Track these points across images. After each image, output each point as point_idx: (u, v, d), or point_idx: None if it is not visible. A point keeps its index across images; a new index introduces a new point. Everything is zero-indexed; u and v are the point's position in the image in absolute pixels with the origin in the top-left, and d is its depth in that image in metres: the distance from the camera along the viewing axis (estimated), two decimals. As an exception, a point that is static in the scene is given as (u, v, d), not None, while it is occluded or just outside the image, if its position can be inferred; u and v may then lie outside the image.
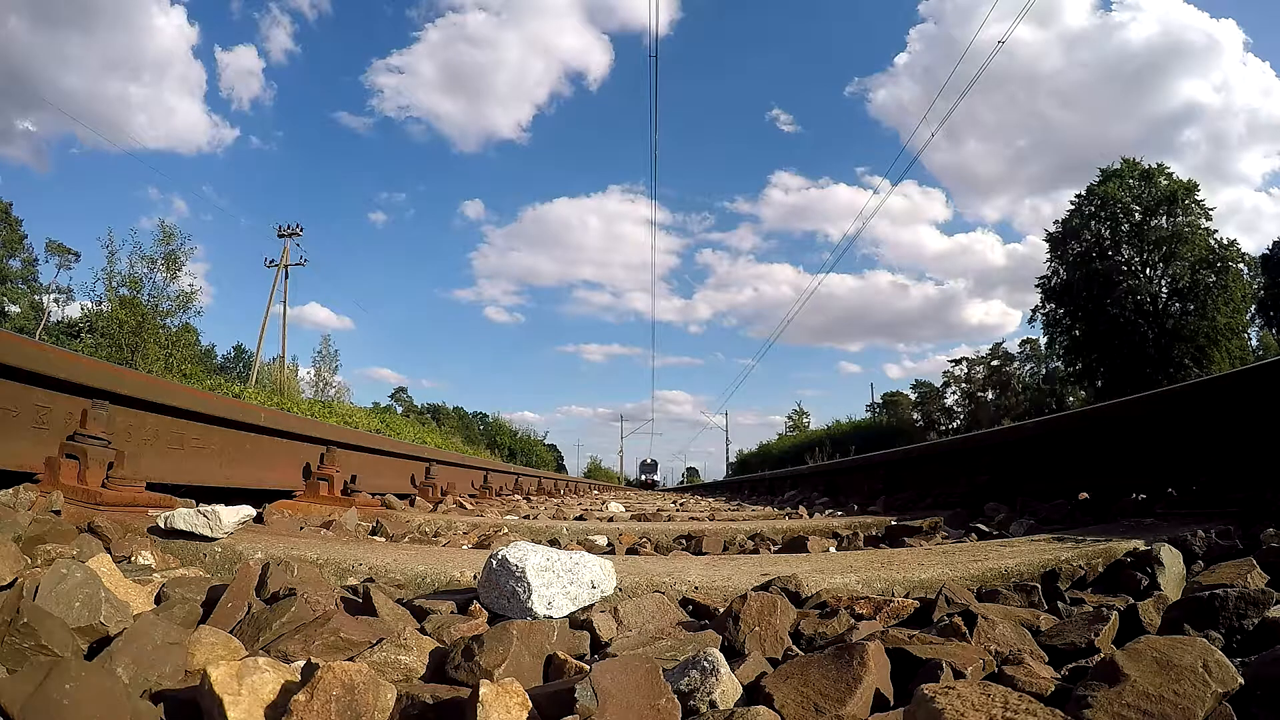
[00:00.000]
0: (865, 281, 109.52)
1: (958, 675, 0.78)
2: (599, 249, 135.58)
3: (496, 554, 1.05)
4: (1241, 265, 30.16)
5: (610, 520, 3.32)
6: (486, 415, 57.62)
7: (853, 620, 1.03)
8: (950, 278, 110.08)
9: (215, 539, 1.45)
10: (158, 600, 1.05)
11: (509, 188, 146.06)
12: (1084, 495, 2.71)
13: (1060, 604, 1.14)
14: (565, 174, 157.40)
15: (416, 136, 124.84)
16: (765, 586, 1.17)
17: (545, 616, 0.98)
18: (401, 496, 3.96)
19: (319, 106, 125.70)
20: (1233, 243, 29.67)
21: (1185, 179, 30.49)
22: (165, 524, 1.44)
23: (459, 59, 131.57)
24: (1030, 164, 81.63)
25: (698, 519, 3.46)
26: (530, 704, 0.70)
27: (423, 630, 0.93)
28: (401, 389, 66.42)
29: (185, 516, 1.46)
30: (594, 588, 1.07)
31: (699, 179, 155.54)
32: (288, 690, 0.67)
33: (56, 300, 42.04)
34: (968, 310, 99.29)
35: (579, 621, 1.01)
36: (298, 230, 28.14)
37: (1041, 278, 33.45)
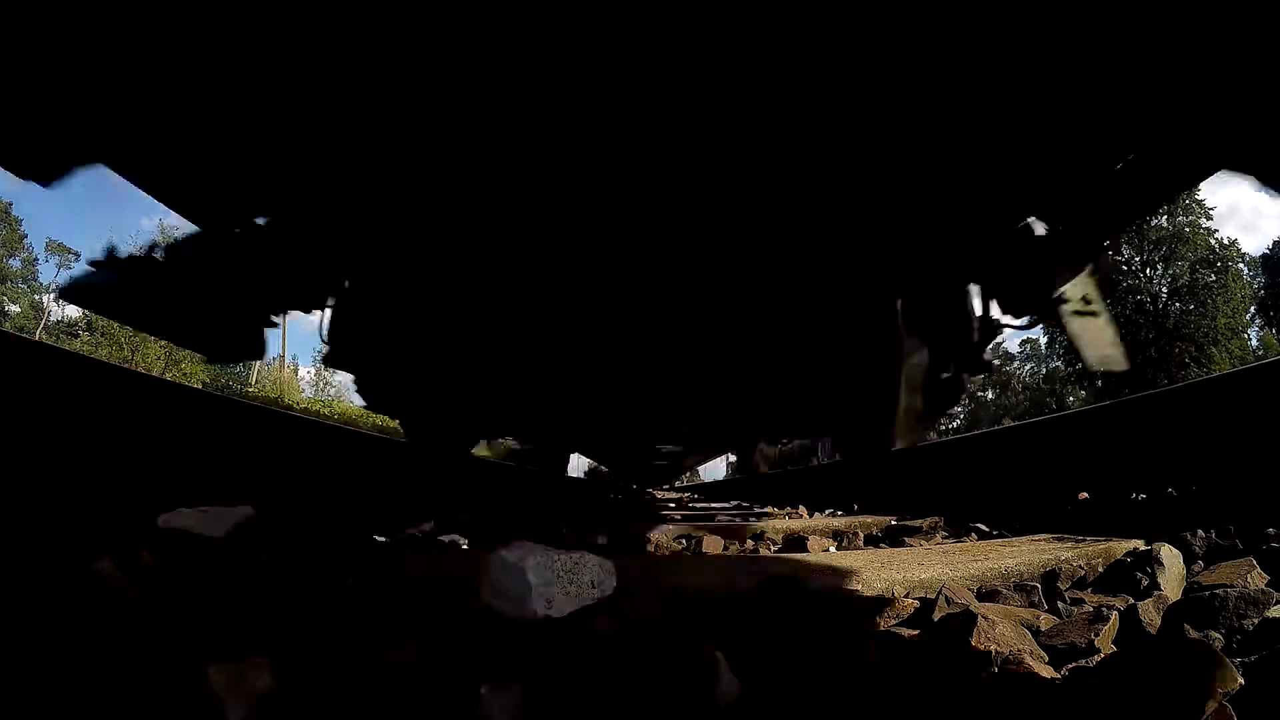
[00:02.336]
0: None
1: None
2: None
3: (496, 553, 1.05)
4: (1241, 265, 30.17)
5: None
6: (486, 415, 56.02)
7: (853, 620, 1.03)
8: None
9: (215, 538, 1.45)
10: (158, 601, 1.05)
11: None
12: (1084, 495, 2.71)
13: (1060, 604, 1.14)
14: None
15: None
16: (765, 586, 1.17)
17: (545, 616, 0.98)
18: (401, 496, 3.94)
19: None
20: (1233, 243, 29.68)
21: (1185, 179, 30.43)
22: (165, 524, 1.45)
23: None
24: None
25: (698, 519, 3.46)
26: (530, 704, 0.70)
27: (422, 631, 0.93)
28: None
29: (185, 516, 1.46)
30: (594, 587, 1.07)
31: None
32: (288, 691, 0.67)
33: (57, 300, 42.06)
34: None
35: (579, 621, 1.01)
36: (298, 230, 28.07)
37: (1042, 277, 33.40)
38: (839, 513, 3.80)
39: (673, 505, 5.61)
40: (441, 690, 0.69)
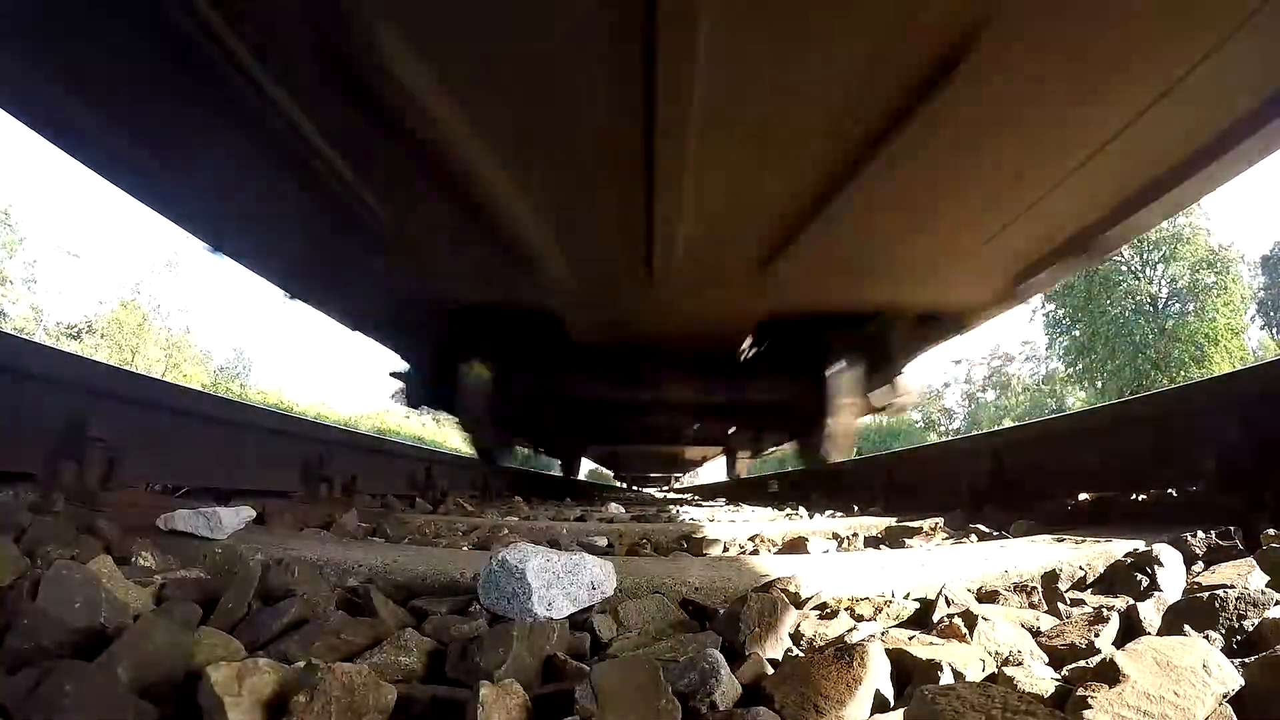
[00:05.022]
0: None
1: (958, 676, 0.79)
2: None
3: (496, 555, 1.05)
4: (1241, 265, 30.17)
5: (610, 521, 3.32)
6: (486, 416, 55.55)
7: (853, 621, 1.03)
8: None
9: (215, 540, 1.45)
10: (158, 601, 1.05)
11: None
12: (1084, 495, 2.71)
13: (1060, 604, 1.14)
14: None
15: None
16: (765, 588, 1.17)
17: (545, 618, 0.98)
18: (401, 497, 3.96)
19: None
20: (1232, 243, 29.68)
21: (1185, 179, 30.40)
22: (165, 525, 1.44)
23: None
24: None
25: (697, 520, 3.46)
26: (530, 705, 0.70)
27: (422, 631, 0.93)
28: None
29: (185, 518, 1.46)
30: (594, 589, 1.07)
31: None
32: (287, 691, 0.67)
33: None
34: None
35: (579, 622, 1.01)
36: (298, 231, 28.03)
37: (1041, 278, 33.33)
38: (839, 514, 3.80)
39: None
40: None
